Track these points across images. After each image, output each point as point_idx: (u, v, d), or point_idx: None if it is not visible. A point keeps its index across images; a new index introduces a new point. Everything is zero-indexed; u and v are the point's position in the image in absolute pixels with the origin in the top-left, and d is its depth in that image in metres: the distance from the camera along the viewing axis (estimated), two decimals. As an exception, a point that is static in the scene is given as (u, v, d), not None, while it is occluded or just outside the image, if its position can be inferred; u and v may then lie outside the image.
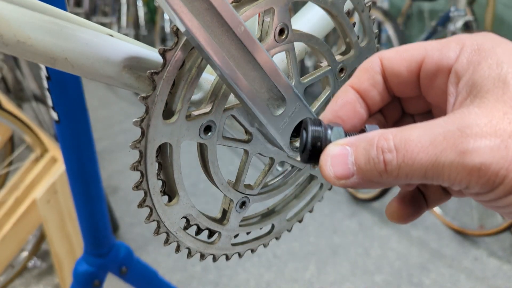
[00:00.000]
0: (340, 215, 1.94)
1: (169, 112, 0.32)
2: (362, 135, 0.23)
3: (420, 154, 0.20)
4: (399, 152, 0.21)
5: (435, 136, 0.20)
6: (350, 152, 0.23)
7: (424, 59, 0.25)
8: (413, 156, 0.20)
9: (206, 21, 0.29)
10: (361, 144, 0.23)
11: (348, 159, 0.23)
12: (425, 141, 0.20)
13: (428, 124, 0.21)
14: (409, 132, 0.21)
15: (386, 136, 0.22)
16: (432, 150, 0.20)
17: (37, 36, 0.29)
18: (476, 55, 0.23)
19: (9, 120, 1.44)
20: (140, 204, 0.34)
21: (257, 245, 0.45)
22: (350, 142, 0.23)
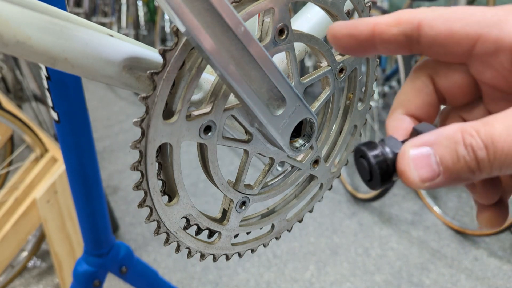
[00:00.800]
0: (340, 215, 1.94)
1: (169, 112, 0.32)
2: (439, 132, 0.22)
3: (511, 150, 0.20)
4: (489, 149, 0.20)
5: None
6: (432, 152, 0.21)
7: (480, 36, 0.22)
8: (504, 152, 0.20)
9: (206, 21, 0.29)
10: (442, 142, 0.21)
11: (432, 160, 0.21)
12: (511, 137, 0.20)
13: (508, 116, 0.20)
14: (491, 126, 0.20)
15: (470, 132, 0.20)
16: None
17: (37, 36, 0.29)
18: None
19: (9, 120, 1.44)
20: (140, 204, 0.34)
21: (257, 245, 0.45)
22: (428, 142, 0.22)
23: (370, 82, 0.45)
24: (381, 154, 0.24)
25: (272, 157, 0.40)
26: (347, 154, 0.48)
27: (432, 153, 0.21)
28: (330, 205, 2.00)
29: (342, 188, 2.11)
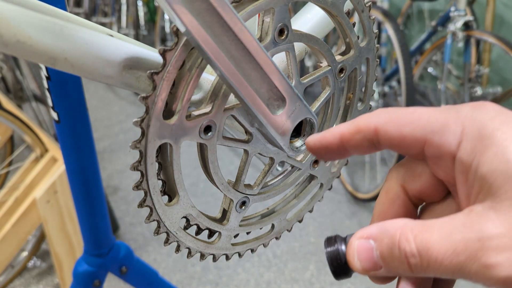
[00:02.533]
0: (340, 215, 1.94)
1: (169, 112, 0.32)
2: (384, 227, 0.23)
3: (444, 262, 0.21)
4: (423, 257, 0.21)
5: (456, 244, 0.20)
6: (374, 247, 0.23)
7: (425, 141, 0.24)
8: (437, 262, 0.21)
9: (206, 21, 0.29)
10: (383, 240, 0.23)
11: (374, 253, 0.23)
12: (446, 249, 0.21)
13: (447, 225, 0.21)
14: (429, 234, 0.21)
15: (407, 237, 0.22)
16: (455, 258, 0.20)
17: (37, 36, 0.29)
18: (478, 142, 0.22)
19: (9, 120, 1.44)
20: (140, 204, 0.34)
21: (257, 245, 0.45)
22: (372, 235, 0.23)
23: (370, 82, 0.45)
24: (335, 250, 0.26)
25: (272, 157, 0.40)
26: (347, 154, 0.48)
27: (374, 247, 0.23)
28: (330, 205, 2.00)
29: (342, 188, 2.11)
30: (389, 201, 0.28)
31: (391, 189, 0.28)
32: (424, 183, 0.27)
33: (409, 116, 0.25)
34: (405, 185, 0.27)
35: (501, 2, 2.38)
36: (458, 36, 1.84)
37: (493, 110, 0.23)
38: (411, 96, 1.80)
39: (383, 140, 0.25)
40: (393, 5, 2.87)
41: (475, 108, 0.23)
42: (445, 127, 0.23)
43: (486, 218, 0.20)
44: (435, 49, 2.05)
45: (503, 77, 2.47)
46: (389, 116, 0.25)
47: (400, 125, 0.25)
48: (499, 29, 2.42)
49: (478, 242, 0.20)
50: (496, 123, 0.22)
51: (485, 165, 0.21)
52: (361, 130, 0.26)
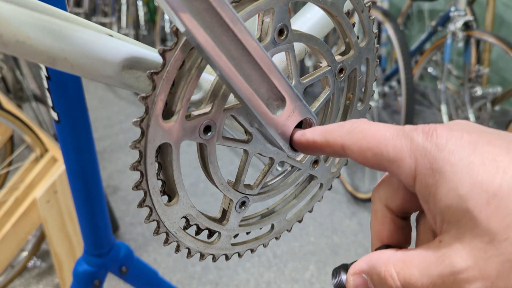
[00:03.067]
0: (340, 215, 1.94)
1: (169, 112, 0.32)
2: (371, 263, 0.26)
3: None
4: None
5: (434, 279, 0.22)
6: (368, 281, 0.26)
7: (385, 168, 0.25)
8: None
9: (206, 21, 0.29)
10: (374, 275, 0.25)
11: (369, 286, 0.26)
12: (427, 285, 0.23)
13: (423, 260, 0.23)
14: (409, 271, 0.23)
15: (391, 274, 0.24)
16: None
17: (36, 36, 0.29)
18: (431, 177, 0.23)
19: (9, 120, 1.45)
20: (140, 204, 0.34)
21: (257, 245, 0.45)
22: (363, 270, 0.26)
23: (370, 82, 0.45)
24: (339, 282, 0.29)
25: (271, 157, 0.40)
26: (347, 154, 0.48)
27: (368, 281, 0.26)
28: (330, 205, 2.00)
29: (342, 188, 2.11)
30: (380, 222, 0.29)
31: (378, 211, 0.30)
32: (403, 197, 0.28)
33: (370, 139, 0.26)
34: (387, 205, 0.29)
35: (501, 2, 2.38)
36: (458, 36, 1.84)
37: (444, 137, 0.23)
38: (411, 96, 1.80)
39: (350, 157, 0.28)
40: (393, 5, 2.87)
41: (428, 137, 0.23)
42: (400, 159, 0.24)
43: (455, 251, 0.22)
44: (435, 49, 2.05)
45: (503, 77, 2.48)
46: (354, 136, 0.27)
47: (362, 149, 0.26)
48: (499, 29, 2.42)
49: (451, 276, 0.22)
50: (445, 154, 0.22)
51: (441, 202, 0.22)
52: (330, 145, 0.29)
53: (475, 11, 2.35)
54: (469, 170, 0.21)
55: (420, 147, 0.23)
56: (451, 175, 0.22)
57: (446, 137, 0.23)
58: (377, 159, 0.25)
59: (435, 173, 0.22)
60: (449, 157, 0.22)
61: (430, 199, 0.23)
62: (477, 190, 0.21)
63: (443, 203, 0.22)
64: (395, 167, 0.24)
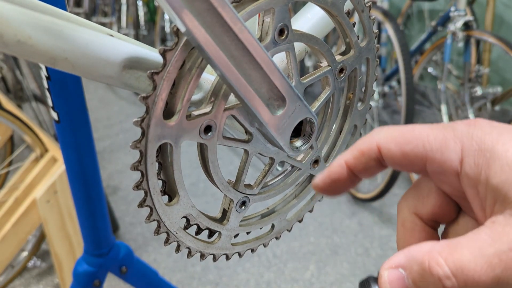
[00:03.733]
0: (340, 215, 1.94)
1: (169, 112, 0.32)
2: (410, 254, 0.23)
3: (481, 277, 0.21)
4: (459, 277, 0.21)
5: (490, 258, 0.21)
6: (405, 275, 0.23)
7: (427, 159, 0.25)
8: (475, 279, 0.21)
9: (206, 21, 0.29)
10: (413, 267, 0.23)
11: (406, 282, 0.23)
12: (481, 265, 0.21)
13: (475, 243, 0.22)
14: (459, 254, 0.21)
15: (437, 261, 0.22)
16: (492, 272, 0.21)
17: (37, 36, 0.29)
18: (481, 156, 0.23)
19: (9, 120, 1.44)
20: (140, 204, 0.34)
21: (257, 245, 0.45)
22: (400, 263, 0.23)
23: (370, 82, 0.45)
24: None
25: (272, 157, 0.40)
26: (347, 154, 0.48)
27: (405, 276, 0.23)
28: (330, 205, 2.00)
29: (342, 188, 2.11)
30: (409, 233, 0.28)
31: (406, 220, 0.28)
32: (434, 203, 0.27)
33: (408, 134, 0.25)
34: (417, 212, 0.27)
35: (501, 2, 2.38)
36: (458, 36, 1.84)
37: (487, 125, 0.23)
38: (411, 96, 1.80)
39: (386, 158, 0.26)
40: (393, 5, 2.87)
41: (470, 125, 0.24)
42: (444, 145, 0.24)
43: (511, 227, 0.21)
44: (435, 49, 2.05)
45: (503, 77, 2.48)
46: (390, 134, 0.26)
47: (401, 143, 0.25)
48: (499, 29, 2.42)
49: (510, 252, 0.20)
50: (494, 136, 0.22)
51: (495, 178, 0.22)
52: (365, 152, 0.27)
53: (475, 11, 2.35)
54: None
55: (465, 133, 0.23)
56: (504, 152, 0.22)
57: (489, 124, 0.23)
58: (417, 152, 0.25)
59: (485, 152, 0.22)
60: (498, 138, 0.22)
61: (480, 179, 0.23)
62: None
63: (497, 179, 0.22)
64: (438, 155, 0.24)
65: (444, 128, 0.24)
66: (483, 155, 0.22)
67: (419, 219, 0.27)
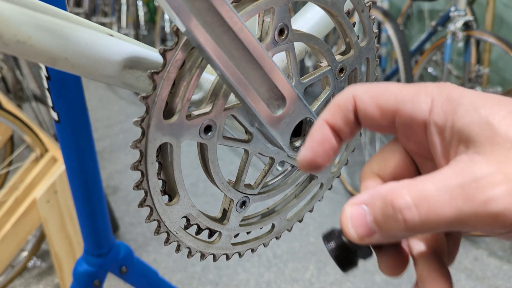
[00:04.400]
0: (340, 215, 1.94)
1: (169, 112, 0.32)
2: (375, 190, 0.23)
3: (444, 208, 0.21)
4: (420, 208, 0.21)
5: (453, 189, 0.21)
6: (367, 211, 0.23)
7: (397, 110, 0.26)
8: (437, 211, 0.21)
9: (206, 21, 0.29)
10: (376, 203, 0.23)
11: (367, 218, 0.23)
12: (444, 196, 0.21)
13: (438, 176, 0.22)
14: (423, 186, 0.22)
15: (400, 192, 0.22)
16: (455, 203, 0.21)
17: (37, 36, 0.29)
18: (449, 104, 0.24)
19: (9, 120, 1.44)
20: (141, 204, 0.34)
21: (257, 245, 0.45)
22: (364, 200, 0.24)
23: (370, 82, 0.45)
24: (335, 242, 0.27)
25: (272, 156, 0.40)
26: (347, 154, 0.48)
27: (367, 212, 0.23)
28: (330, 205, 2.00)
29: (342, 188, 2.11)
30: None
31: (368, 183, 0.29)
32: (396, 164, 0.28)
33: (382, 88, 0.27)
34: (379, 173, 0.29)
35: (501, 2, 2.38)
36: (458, 36, 1.84)
37: (455, 86, 0.25)
38: (411, 96, 1.80)
39: (360, 110, 0.27)
40: (393, 5, 2.87)
41: (440, 84, 0.25)
42: (416, 98, 0.25)
43: (475, 162, 0.22)
44: (435, 49, 2.05)
45: (503, 77, 2.48)
46: (365, 87, 0.27)
47: (374, 96, 0.26)
48: (499, 29, 2.42)
49: (473, 183, 0.21)
50: (460, 91, 0.24)
51: (459, 121, 0.23)
52: (341, 105, 0.27)
53: (475, 11, 2.35)
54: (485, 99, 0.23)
55: (436, 89, 0.25)
56: (469, 101, 0.23)
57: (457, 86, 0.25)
58: (390, 103, 0.26)
59: (453, 101, 0.24)
60: (464, 92, 0.24)
61: (447, 124, 0.24)
62: (496, 108, 0.22)
63: (462, 121, 0.23)
64: (409, 106, 0.25)
65: (417, 85, 0.26)
66: (451, 104, 0.24)
67: (381, 180, 0.28)
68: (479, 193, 0.21)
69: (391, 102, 0.26)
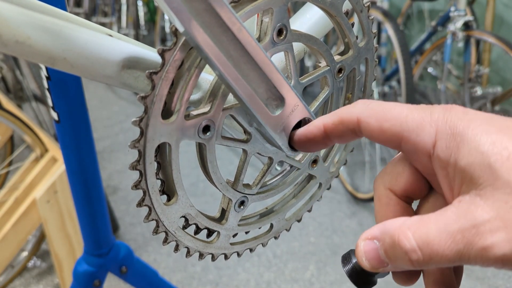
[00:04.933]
0: (340, 215, 1.94)
1: (168, 112, 0.32)
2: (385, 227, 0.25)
3: (445, 251, 0.22)
4: (424, 251, 0.23)
5: (454, 233, 0.22)
6: (379, 246, 0.25)
7: (402, 138, 0.26)
8: (439, 253, 0.22)
9: (205, 21, 0.29)
10: (385, 239, 0.25)
11: (379, 253, 0.25)
12: (446, 240, 0.22)
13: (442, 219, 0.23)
14: (426, 229, 0.23)
15: (405, 235, 0.23)
16: (455, 247, 0.22)
17: (36, 36, 0.30)
18: (452, 140, 0.24)
19: (9, 120, 1.45)
20: (139, 204, 0.34)
21: (256, 245, 0.45)
22: (375, 236, 0.25)
23: (369, 82, 0.45)
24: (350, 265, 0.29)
25: (271, 156, 0.40)
26: (345, 154, 0.48)
27: (379, 246, 0.25)
28: (330, 205, 2.00)
29: (342, 188, 2.11)
30: (384, 207, 0.30)
31: (381, 195, 0.30)
32: (407, 180, 0.29)
33: (388, 112, 0.27)
34: (391, 188, 0.29)
35: (501, 2, 2.38)
36: (458, 36, 1.84)
37: (461, 112, 0.25)
38: (411, 96, 1.80)
39: (364, 131, 0.28)
40: (393, 5, 2.87)
41: (446, 110, 0.25)
42: (420, 127, 0.26)
43: (476, 206, 0.22)
44: (435, 49, 2.05)
45: (503, 77, 2.48)
46: (371, 109, 0.27)
47: (380, 119, 0.27)
48: (499, 29, 2.42)
49: (473, 228, 0.22)
50: (465, 123, 0.24)
51: (463, 160, 0.23)
52: (344, 122, 0.29)
53: (475, 11, 2.35)
54: (489, 133, 0.23)
55: (441, 117, 0.25)
56: (473, 137, 0.23)
57: (463, 111, 0.25)
58: (395, 130, 0.26)
59: (456, 136, 0.24)
60: (469, 124, 0.24)
61: (450, 161, 0.24)
62: (498, 148, 0.22)
63: (464, 161, 0.23)
64: (413, 136, 0.26)
65: (423, 110, 0.26)
66: (454, 139, 0.24)
67: (393, 194, 0.29)
68: (479, 239, 0.21)
69: (396, 129, 0.26)
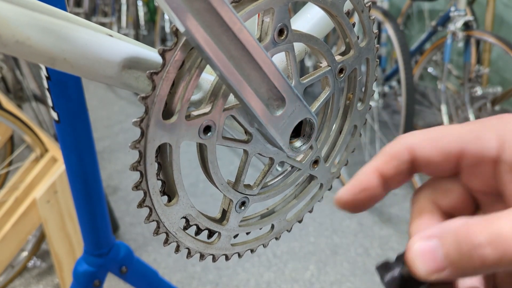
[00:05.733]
0: (340, 215, 1.94)
1: (168, 112, 0.32)
2: (446, 225, 0.23)
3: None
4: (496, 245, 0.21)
5: None
6: (439, 245, 0.22)
7: (462, 151, 0.25)
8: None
9: (206, 21, 0.29)
10: (448, 238, 0.22)
11: (438, 253, 0.22)
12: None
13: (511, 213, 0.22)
14: (497, 224, 0.21)
15: (473, 230, 0.21)
16: None
17: (36, 36, 0.29)
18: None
19: (9, 120, 1.44)
20: (140, 204, 0.34)
21: (256, 245, 0.45)
22: (436, 235, 0.23)
23: (370, 82, 0.45)
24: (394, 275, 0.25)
25: (271, 157, 0.40)
26: (347, 155, 0.48)
27: (439, 246, 0.22)
28: (330, 205, 1.99)
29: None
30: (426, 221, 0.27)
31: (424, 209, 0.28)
32: (458, 196, 0.27)
33: (440, 131, 0.26)
34: (437, 202, 0.27)
35: (501, 2, 2.38)
36: (458, 36, 1.84)
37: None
38: (411, 96, 1.80)
39: (420, 159, 0.26)
40: (393, 5, 2.87)
41: (499, 118, 0.25)
42: (481, 135, 0.25)
43: None
44: (435, 49, 2.05)
45: (503, 77, 2.47)
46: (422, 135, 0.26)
47: (435, 140, 0.25)
48: (499, 29, 2.42)
49: None
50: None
51: None
52: (395, 156, 0.26)
53: (475, 11, 2.35)
54: None
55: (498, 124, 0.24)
56: None
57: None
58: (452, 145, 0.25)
59: None
60: None
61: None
62: None
63: None
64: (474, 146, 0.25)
65: (475, 122, 0.25)
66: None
67: (438, 208, 0.27)
68: None
69: (454, 144, 0.25)
